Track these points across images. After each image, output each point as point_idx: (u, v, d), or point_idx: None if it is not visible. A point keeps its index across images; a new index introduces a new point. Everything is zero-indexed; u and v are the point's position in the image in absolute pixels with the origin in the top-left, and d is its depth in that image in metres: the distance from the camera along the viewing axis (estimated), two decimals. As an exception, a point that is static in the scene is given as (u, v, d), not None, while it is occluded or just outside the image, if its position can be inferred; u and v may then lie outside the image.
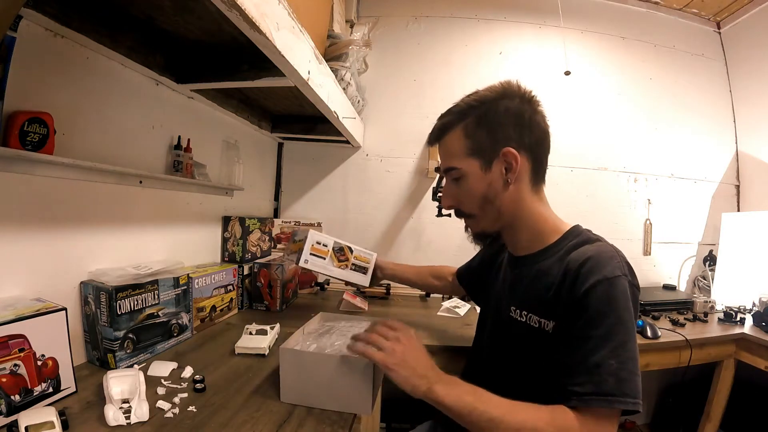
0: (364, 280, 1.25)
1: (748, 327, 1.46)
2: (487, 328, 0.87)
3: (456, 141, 0.73)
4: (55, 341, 0.69)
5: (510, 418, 0.58)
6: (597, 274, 0.60)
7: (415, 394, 0.63)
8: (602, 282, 0.59)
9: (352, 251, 1.24)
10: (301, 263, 1.17)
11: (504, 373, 0.75)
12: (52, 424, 0.57)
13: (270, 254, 1.71)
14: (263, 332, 1.03)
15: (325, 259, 1.20)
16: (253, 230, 1.55)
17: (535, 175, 0.73)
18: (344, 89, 1.44)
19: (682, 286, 2.01)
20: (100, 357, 0.85)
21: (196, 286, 1.12)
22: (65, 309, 0.70)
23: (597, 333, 0.58)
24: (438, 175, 1.57)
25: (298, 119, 1.68)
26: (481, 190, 0.72)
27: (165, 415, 0.67)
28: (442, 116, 0.76)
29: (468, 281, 1.10)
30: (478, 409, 0.59)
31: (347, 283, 1.29)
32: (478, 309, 1.13)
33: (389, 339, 0.67)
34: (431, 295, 1.79)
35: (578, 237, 0.71)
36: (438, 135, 0.77)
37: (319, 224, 1.90)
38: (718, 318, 1.54)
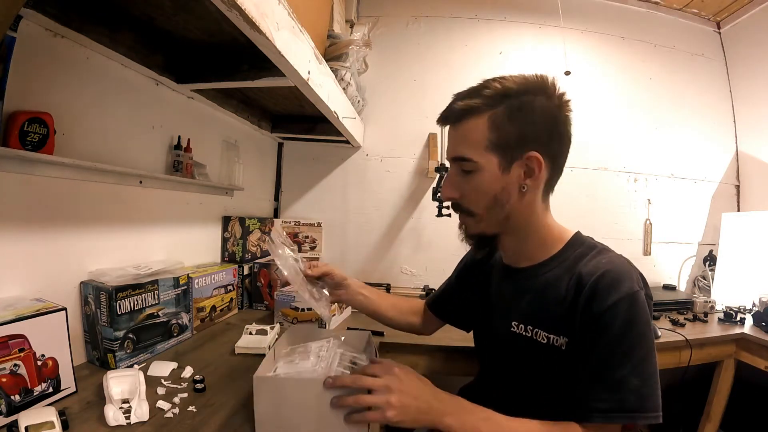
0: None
1: (748, 327, 1.46)
2: (488, 345, 0.82)
3: (479, 129, 0.63)
4: (55, 341, 0.69)
5: None
6: (617, 291, 0.58)
7: (427, 427, 0.59)
8: (624, 300, 0.57)
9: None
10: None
11: (512, 390, 0.72)
12: (52, 424, 0.57)
13: (270, 254, 1.71)
14: (263, 332, 1.03)
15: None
16: (253, 230, 1.55)
17: (549, 185, 0.69)
18: (344, 89, 1.44)
19: (682, 286, 2.01)
20: (100, 357, 0.85)
21: (196, 286, 1.12)
22: (65, 309, 0.70)
23: (619, 350, 0.57)
24: (438, 175, 1.57)
25: (298, 119, 1.68)
26: (494, 190, 0.64)
27: (165, 415, 0.67)
28: (466, 96, 0.65)
29: (446, 308, 0.96)
30: None
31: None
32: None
33: (376, 389, 0.58)
34: (430, 295, 1.79)
35: (583, 245, 0.68)
36: (458, 116, 0.65)
37: (319, 224, 1.90)
38: (718, 318, 1.54)
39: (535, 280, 0.69)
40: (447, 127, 0.70)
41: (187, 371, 0.84)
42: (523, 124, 0.62)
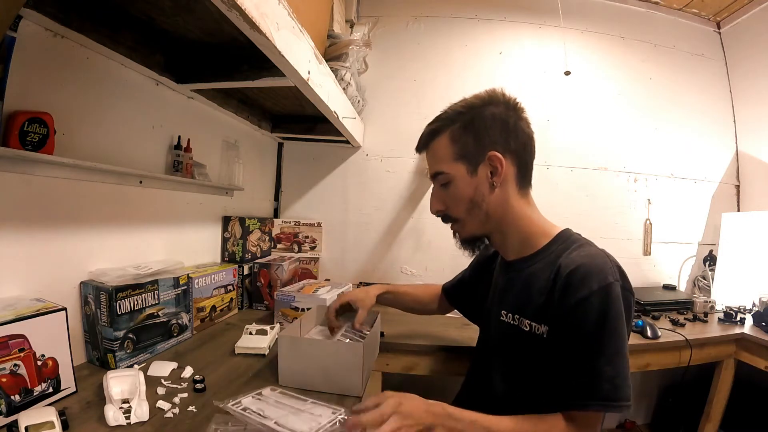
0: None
1: (748, 327, 1.46)
2: (483, 332, 0.89)
3: (443, 146, 0.74)
4: (55, 341, 0.69)
5: None
6: (590, 283, 0.61)
7: None
8: (596, 292, 0.60)
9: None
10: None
11: (500, 376, 0.76)
12: (52, 424, 0.57)
13: (270, 254, 1.71)
14: (263, 332, 1.03)
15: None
16: (253, 230, 1.55)
17: (522, 179, 0.75)
18: (344, 89, 1.44)
19: (682, 286, 2.01)
20: (100, 357, 0.85)
21: (196, 286, 1.12)
22: (65, 309, 0.70)
23: (593, 342, 0.60)
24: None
25: (298, 119, 1.68)
26: (469, 193, 0.73)
27: (165, 415, 0.67)
28: (430, 124, 0.78)
29: (459, 297, 1.06)
30: None
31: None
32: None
33: (385, 419, 0.59)
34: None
35: (567, 241, 0.72)
36: (426, 141, 0.78)
37: (319, 224, 1.90)
38: (718, 318, 1.54)
39: (522, 272, 0.74)
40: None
41: (187, 371, 0.84)
42: (478, 132, 0.72)
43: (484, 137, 0.71)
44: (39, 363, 0.66)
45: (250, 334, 1.02)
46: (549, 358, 0.65)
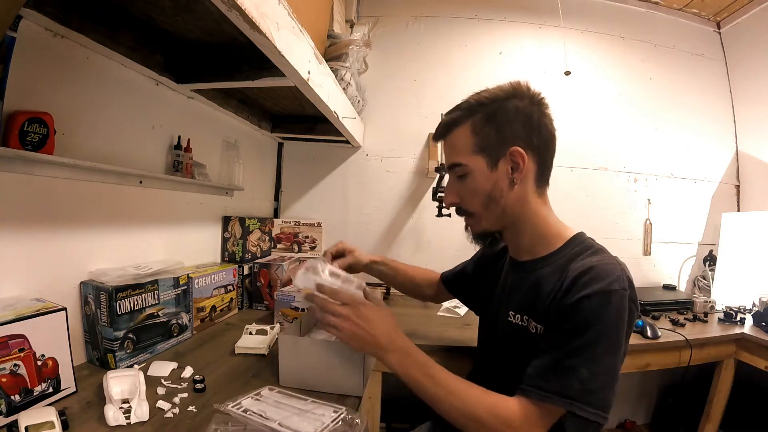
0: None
1: (748, 327, 1.46)
2: (487, 332, 0.88)
3: (463, 137, 0.71)
4: (55, 341, 0.69)
5: (451, 398, 0.62)
6: (593, 285, 0.60)
7: (373, 356, 0.69)
8: (597, 294, 0.59)
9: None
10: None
11: (506, 376, 0.74)
12: (52, 424, 0.57)
13: (270, 254, 1.71)
14: (263, 332, 1.03)
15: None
16: (253, 230, 1.55)
17: (540, 177, 0.73)
18: (344, 89, 1.43)
19: (682, 286, 2.01)
20: (100, 357, 0.85)
21: (196, 286, 1.12)
22: (65, 309, 0.70)
23: (578, 340, 0.58)
24: (438, 175, 1.57)
25: (298, 119, 1.68)
26: (486, 188, 0.71)
27: (165, 415, 0.67)
28: (450, 112, 0.74)
29: (458, 287, 1.06)
30: (423, 384, 0.64)
31: None
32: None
33: (336, 314, 0.70)
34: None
35: (581, 245, 0.70)
36: (445, 130, 0.75)
37: (319, 224, 1.90)
38: (718, 318, 1.54)
39: (533, 273, 0.73)
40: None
41: (187, 371, 0.84)
42: (500, 125, 0.69)
43: (506, 131, 0.69)
44: (39, 363, 0.66)
45: (250, 334, 1.03)
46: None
